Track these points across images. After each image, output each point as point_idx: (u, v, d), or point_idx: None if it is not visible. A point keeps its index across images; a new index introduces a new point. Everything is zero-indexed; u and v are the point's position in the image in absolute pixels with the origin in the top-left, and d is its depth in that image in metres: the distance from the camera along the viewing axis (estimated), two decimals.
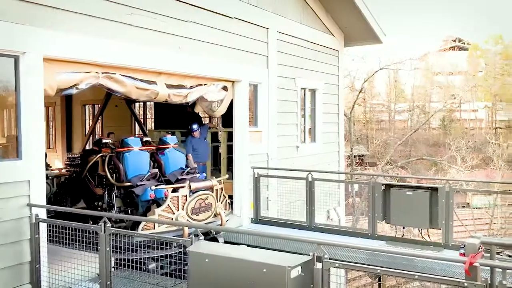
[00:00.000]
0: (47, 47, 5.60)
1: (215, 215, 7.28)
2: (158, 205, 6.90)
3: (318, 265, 3.71)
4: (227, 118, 9.92)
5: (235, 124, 9.16)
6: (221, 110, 9.02)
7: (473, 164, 28.96)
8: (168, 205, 6.56)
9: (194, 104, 8.95)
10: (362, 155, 37.44)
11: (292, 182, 8.95)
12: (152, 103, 14.33)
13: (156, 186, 6.95)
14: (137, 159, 7.39)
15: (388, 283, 19.74)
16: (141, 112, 15.67)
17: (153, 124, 14.96)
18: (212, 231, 6.96)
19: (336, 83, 12.81)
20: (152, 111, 15.15)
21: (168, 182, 7.50)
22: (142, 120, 15.06)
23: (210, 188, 7.28)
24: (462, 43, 56.94)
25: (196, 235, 4.20)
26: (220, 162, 10.62)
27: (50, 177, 8.71)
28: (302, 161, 10.75)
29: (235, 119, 9.14)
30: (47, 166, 9.13)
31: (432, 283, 4.06)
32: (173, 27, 7.46)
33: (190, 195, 6.88)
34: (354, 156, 28.98)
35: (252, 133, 9.46)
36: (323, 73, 12.06)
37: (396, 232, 8.21)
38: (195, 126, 10.13)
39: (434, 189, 7.55)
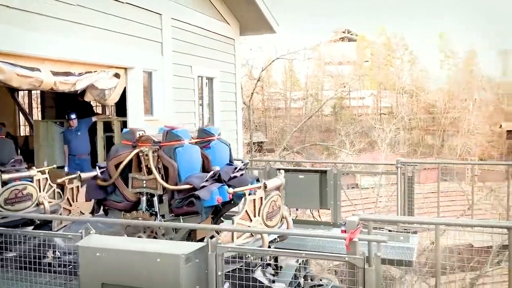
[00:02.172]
0: None
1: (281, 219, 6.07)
2: (214, 211, 5.84)
3: (212, 251, 3.79)
4: (122, 107, 9.60)
5: (129, 113, 8.88)
6: (114, 98, 8.68)
7: (360, 148, 31.25)
8: (246, 211, 5.29)
9: (84, 92, 8.51)
10: (261, 142, 38.50)
11: None
12: (39, 92, 13.33)
13: (226, 187, 5.54)
14: (191, 155, 5.84)
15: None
16: (26, 101, 14.49)
17: (39, 114, 13.93)
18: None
19: (233, 72, 12.96)
20: (39, 100, 14.09)
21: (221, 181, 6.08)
22: (27, 110, 13.95)
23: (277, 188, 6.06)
24: (351, 35, 60.65)
25: None
26: None
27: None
28: None
29: (129, 108, 8.87)
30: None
31: (323, 260, 4.36)
32: (58, 10, 6.99)
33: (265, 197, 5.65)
34: (254, 143, 29.71)
35: (148, 122, 9.24)
36: (220, 62, 12.13)
37: (290, 214, 8.60)
38: (73, 116, 9.71)
39: (323, 172, 8.06)
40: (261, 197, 5.45)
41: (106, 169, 5.87)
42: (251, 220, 5.22)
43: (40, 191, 7.02)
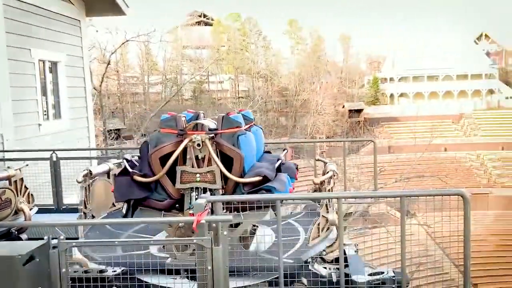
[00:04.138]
0: None
1: None
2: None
3: (54, 248, 3.57)
4: None
5: None
6: None
7: None
8: (326, 205, 4.76)
9: None
10: (119, 129, 36.99)
11: (40, 163, 8.20)
12: None
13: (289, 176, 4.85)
14: (252, 143, 4.99)
15: None
16: None
17: None
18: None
19: (80, 55, 12.13)
20: None
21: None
22: None
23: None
24: (207, 19, 61.10)
25: None
26: None
27: None
28: (47, 140, 9.96)
29: None
30: None
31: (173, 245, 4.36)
32: None
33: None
34: (110, 131, 28.38)
35: None
36: (65, 44, 11.25)
37: None
38: None
39: None
40: (332, 187, 5.12)
41: (146, 163, 4.84)
42: (328, 211, 4.82)
43: (17, 195, 5.67)
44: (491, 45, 69.83)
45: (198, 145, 4.62)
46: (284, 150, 5.82)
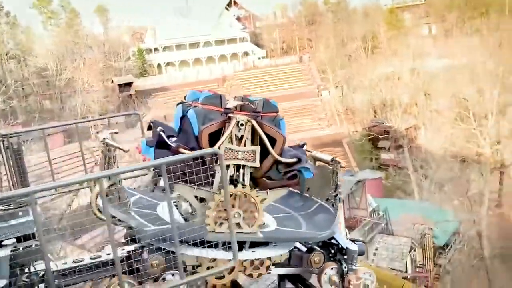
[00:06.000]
0: None
1: None
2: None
3: None
4: None
5: None
6: None
7: None
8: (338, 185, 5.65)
9: None
10: None
11: None
12: None
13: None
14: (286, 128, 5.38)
15: None
16: None
17: None
18: None
19: None
20: None
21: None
22: None
23: None
24: None
25: None
26: None
27: None
28: None
29: None
30: None
31: None
32: None
33: None
34: None
35: None
36: None
37: None
38: None
39: None
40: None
41: (191, 136, 4.96)
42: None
43: None
44: (240, 10, 76.69)
45: (242, 124, 4.87)
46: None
